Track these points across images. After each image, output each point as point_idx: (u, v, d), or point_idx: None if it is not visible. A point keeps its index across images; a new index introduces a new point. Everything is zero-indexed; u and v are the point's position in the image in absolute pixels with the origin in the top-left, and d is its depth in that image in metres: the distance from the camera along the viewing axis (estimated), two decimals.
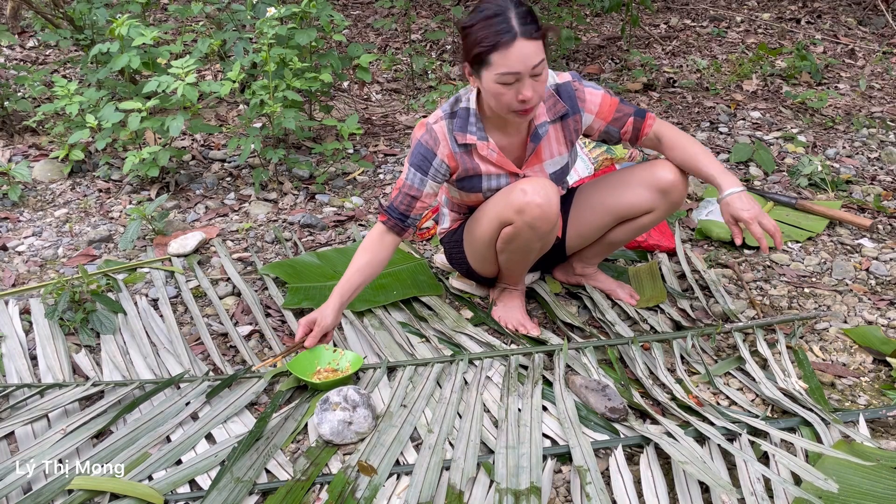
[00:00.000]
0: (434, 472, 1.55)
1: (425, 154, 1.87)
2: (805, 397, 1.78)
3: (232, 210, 2.78)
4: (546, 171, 1.96)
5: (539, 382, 1.83)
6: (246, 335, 2.08)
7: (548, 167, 1.95)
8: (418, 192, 1.89)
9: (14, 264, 2.41)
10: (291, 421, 1.72)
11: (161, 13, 4.57)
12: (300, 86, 2.81)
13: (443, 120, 1.87)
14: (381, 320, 2.12)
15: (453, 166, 1.90)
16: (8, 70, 3.73)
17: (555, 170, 1.97)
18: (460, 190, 1.98)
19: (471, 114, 1.86)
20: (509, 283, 2.14)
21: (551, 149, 1.94)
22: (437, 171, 1.89)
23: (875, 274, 2.38)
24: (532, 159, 1.93)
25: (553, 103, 1.89)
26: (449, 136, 1.87)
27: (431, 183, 1.89)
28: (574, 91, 1.92)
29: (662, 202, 1.98)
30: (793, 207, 2.76)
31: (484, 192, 1.95)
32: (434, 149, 1.87)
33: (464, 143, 1.88)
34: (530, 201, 1.82)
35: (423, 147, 1.87)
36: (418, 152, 1.88)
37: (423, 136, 1.88)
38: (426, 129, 1.88)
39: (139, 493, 1.49)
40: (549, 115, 1.89)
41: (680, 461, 1.51)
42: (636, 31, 4.82)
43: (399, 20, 4.77)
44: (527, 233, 1.87)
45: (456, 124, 1.87)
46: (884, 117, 3.76)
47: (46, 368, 1.91)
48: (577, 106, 1.92)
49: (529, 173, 1.93)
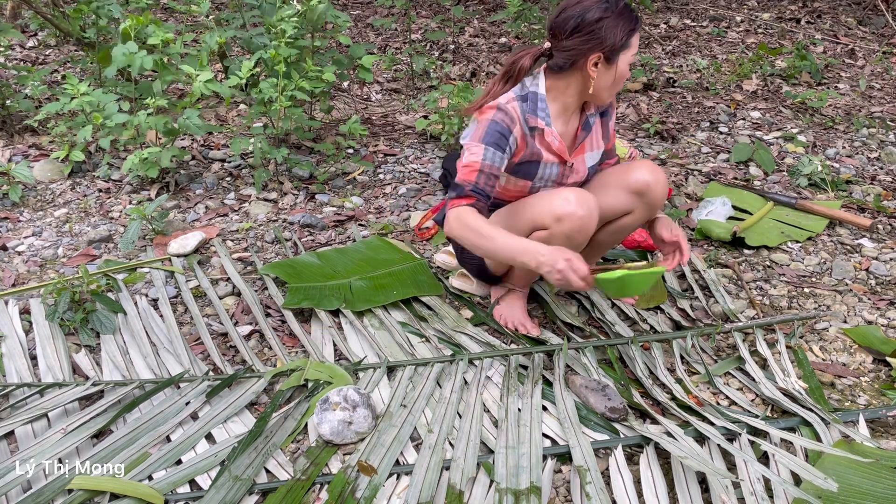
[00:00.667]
0: (434, 471, 1.55)
1: (502, 132, 1.86)
2: (805, 397, 1.78)
3: (232, 210, 2.78)
4: (586, 164, 2.01)
5: (539, 382, 1.83)
6: (246, 335, 2.08)
7: (588, 159, 2.01)
8: (499, 170, 1.88)
9: (14, 264, 2.41)
10: (291, 420, 1.72)
11: (162, 13, 4.57)
12: (307, 86, 2.81)
13: (515, 101, 1.89)
14: (381, 320, 2.12)
15: (521, 148, 1.91)
16: (8, 70, 3.73)
17: (592, 164, 2.03)
18: (513, 175, 1.97)
19: (539, 98, 1.90)
20: (516, 285, 2.14)
21: (592, 141, 2.02)
22: (510, 149, 1.90)
23: (875, 274, 2.38)
24: (580, 148, 1.99)
25: None
26: (521, 118, 1.89)
27: (507, 161, 1.91)
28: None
29: (640, 204, 1.98)
30: (793, 207, 2.76)
31: (535, 180, 1.96)
32: (511, 126, 1.87)
33: (533, 126, 1.90)
34: (573, 212, 1.83)
35: (500, 125, 1.86)
36: (494, 131, 1.86)
37: (496, 115, 1.87)
38: (499, 109, 1.88)
39: (140, 493, 1.49)
40: (595, 108, 2.00)
41: (679, 456, 1.51)
42: None
43: (399, 20, 4.77)
44: (560, 242, 1.85)
45: (528, 107, 1.90)
46: (884, 117, 3.76)
47: (46, 368, 1.91)
48: (608, 112, 2.05)
49: (576, 163, 1.98)
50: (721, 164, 3.19)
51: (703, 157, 3.28)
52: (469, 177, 1.85)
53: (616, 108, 2.10)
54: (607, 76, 1.85)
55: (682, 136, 3.50)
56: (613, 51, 1.81)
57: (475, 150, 1.86)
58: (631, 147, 2.92)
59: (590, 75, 1.84)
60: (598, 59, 1.82)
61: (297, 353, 2.01)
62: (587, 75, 1.84)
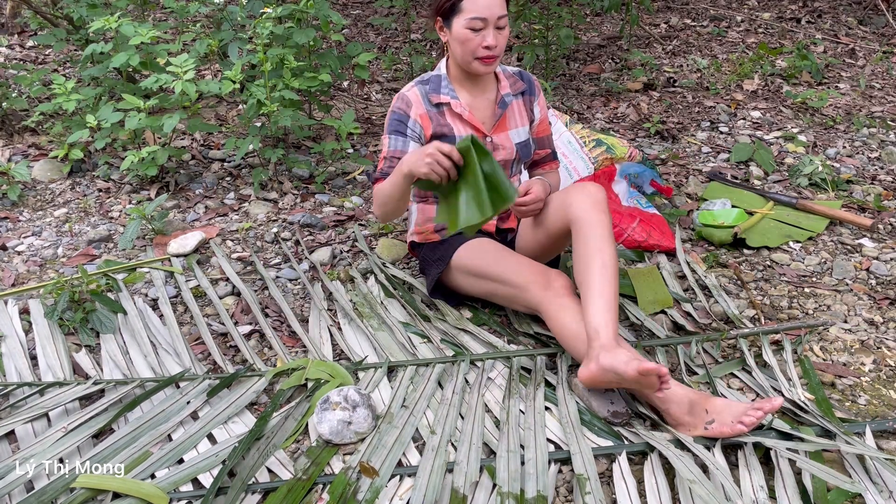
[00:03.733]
0: (438, 474, 1.54)
1: (400, 118, 2.02)
2: (812, 408, 1.74)
3: (232, 210, 2.78)
4: (512, 140, 2.09)
5: (541, 385, 1.82)
6: (246, 334, 2.08)
7: (513, 136, 2.10)
8: (402, 153, 2.00)
9: (14, 264, 2.41)
10: (292, 420, 1.72)
11: (161, 13, 4.57)
12: (298, 85, 2.81)
13: (415, 86, 2.05)
14: (381, 319, 2.12)
15: (427, 126, 2.02)
16: (7, 70, 3.72)
17: (519, 140, 2.11)
18: None
19: (442, 78, 2.05)
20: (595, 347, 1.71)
21: (515, 119, 2.11)
22: (412, 132, 2.02)
23: (875, 274, 2.38)
24: (499, 125, 2.08)
25: (514, 81, 2.12)
26: (423, 98, 2.03)
27: (413, 143, 2.01)
28: (533, 81, 2.16)
29: (578, 233, 1.85)
30: (793, 207, 2.76)
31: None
32: (407, 111, 2.02)
33: (437, 103, 2.03)
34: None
35: (397, 113, 2.03)
36: (393, 119, 2.03)
37: (394, 104, 2.04)
38: (397, 98, 2.04)
39: (144, 492, 1.48)
40: (511, 89, 2.11)
41: (688, 479, 1.47)
42: (636, 30, 4.82)
43: (399, 19, 4.76)
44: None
45: (429, 88, 2.05)
46: (884, 117, 3.76)
47: (46, 367, 1.91)
48: (534, 91, 2.15)
49: (497, 139, 2.07)
50: (721, 164, 3.19)
51: (704, 157, 3.28)
52: (380, 164, 2.03)
53: (541, 91, 2.18)
54: (452, 42, 1.95)
55: (683, 135, 3.50)
56: (445, 15, 1.93)
57: (384, 141, 2.04)
58: (631, 147, 2.91)
59: (442, 39, 1.99)
60: (440, 23, 1.96)
61: (298, 352, 2.01)
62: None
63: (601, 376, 1.64)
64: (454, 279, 2.11)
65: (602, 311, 1.71)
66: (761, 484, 1.51)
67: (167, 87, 2.63)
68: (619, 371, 1.61)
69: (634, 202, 2.66)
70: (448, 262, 2.08)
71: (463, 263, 2.05)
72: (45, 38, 3.21)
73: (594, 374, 1.65)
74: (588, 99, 3.94)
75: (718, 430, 1.60)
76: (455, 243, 2.08)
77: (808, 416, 1.71)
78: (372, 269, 2.37)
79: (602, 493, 1.48)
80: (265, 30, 2.73)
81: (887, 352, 2.01)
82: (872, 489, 1.49)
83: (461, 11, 1.89)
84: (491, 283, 2.00)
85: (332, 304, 2.21)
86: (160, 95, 2.78)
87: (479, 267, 2.01)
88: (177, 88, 2.59)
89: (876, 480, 1.52)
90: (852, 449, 1.55)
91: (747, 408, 1.61)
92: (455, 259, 2.06)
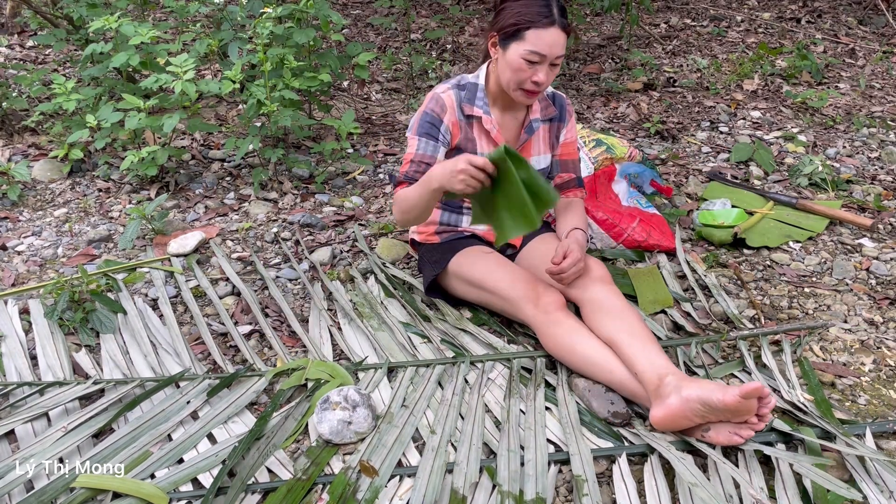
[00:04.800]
0: (437, 475, 1.54)
1: (433, 121, 1.94)
2: (811, 409, 1.74)
3: (232, 210, 2.78)
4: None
5: (542, 386, 1.82)
6: (246, 334, 2.07)
7: (534, 162, 2.05)
8: (432, 158, 1.93)
9: (14, 264, 2.40)
10: (292, 420, 1.72)
11: (161, 13, 4.57)
12: (299, 85, 2.81)
13: (452, 90, 1.96)
14: (381, 319, 2.12)
15: (455, 136, 1.97)
16: (7, 70, 3.72)
17: (540, 168, 2.06)
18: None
19: (479, 89, 1.97)
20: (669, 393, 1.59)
21: (539, 146, 2.06)
22: (444, 138, 1.95)
23: (875, 274, 2.38)
24: (523, 149, 2.03)
25: (546, 105, 2.05)
26: (457, 106, 1.95)
27: (442, 150, 1.95)
28: (566, 105, 2.09)
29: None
30: (793, 207, 2.76)
31: None
32: (441, 116, 1.94)
33: (469, 115, 1.96)
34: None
35: (431, 115, 1.94)
36: (426, 122, 1.94)
37: (428, 104, 1.95)
38: (433, 98, 1.95)
39: (144, 492, 1.48)
40: (541, 114, 2.04)
41: (688, 481, 1.47)
42: (636, 30, 4.81)
43: (399, 19, 4.76)
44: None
45: (464, 96, 1.96)
46: (884, 117, 3.76)
47: (46, 367, 1.91)
48: (565, 117, 2.08)
49: None
50: (721, 164, 3.19)
51: (704, 157, 3.28)
52: (403, 168, 1.94)
53: (572, 116, 2.10)
54: (502, 62, 1.86)
55: (683, 135, 3.50)
56: (505, 35, 1.83)
57: (411, 142, 1.95)
58: (631, 147, 2.91)
59: (491, 55, 1.91)
60: (495, 39, 1.87)
61: (298, 352, 2.01)
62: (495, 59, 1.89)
63: (684, 410, 1.52)
64: (450, 284, 2.11)
65: (659, 353, 1.67)
66: (761, 485, 1.51)
67: (167, 87, 2.63)
68: (713, 400, 1.47)
69: (634, 202, 2.66)
70: (445, 267, 2.08)
71: (459, 271, 2.05)
72: (45, 38, 3.21)
73: (675, 409, 1.53)
74: (588, 99, 3.94)
75: (714, 438, 1.58)
76: (453, 249, 2.08)
77: (807, 416, 1.71)
78: (372, 269, 2.37)
79: (600, 495, 1.48)
80: (265, 30, 2.73)
81: (887, 352, 2.01)
82: (874, 489, 1.49)
83: (523, 40, 1.79)
84: (485, 293, 2.01)
85: (332, 304, 2.21)
86: (160, 95, 2.79)
87: (474, 276, 2.02)
88: (177, 88, 2.59)
89: (877, 481, 1.52)
90: (852, 451, 1.55)
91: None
92: (452, 265, 2.07)
